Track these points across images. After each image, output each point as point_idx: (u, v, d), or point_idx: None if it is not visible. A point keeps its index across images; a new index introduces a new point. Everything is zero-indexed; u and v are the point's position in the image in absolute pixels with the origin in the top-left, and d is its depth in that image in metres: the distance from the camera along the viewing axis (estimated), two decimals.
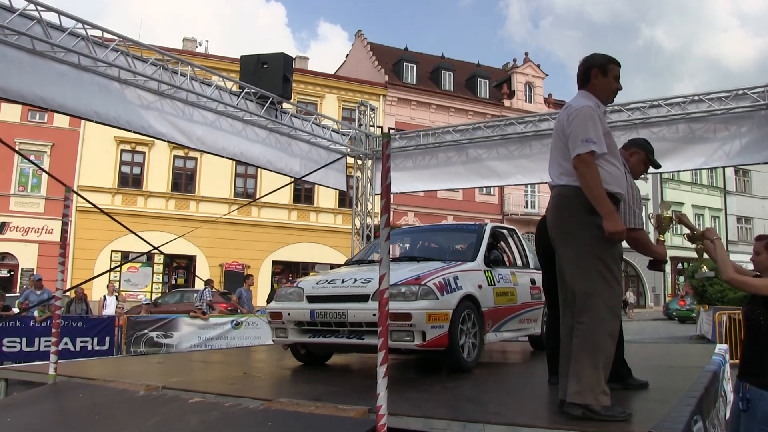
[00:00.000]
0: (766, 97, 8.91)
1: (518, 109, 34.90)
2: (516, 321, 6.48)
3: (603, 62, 3.63)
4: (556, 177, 3.59)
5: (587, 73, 3.63)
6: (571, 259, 3.44)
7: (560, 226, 3.55)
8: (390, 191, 3.43)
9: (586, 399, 3.22)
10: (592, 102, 3.53)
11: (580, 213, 3.40)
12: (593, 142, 3.33)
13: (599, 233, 3.33)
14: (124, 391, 4.47)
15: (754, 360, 3.87)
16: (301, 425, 3.50)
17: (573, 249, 3.43)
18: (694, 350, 9.39)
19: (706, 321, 17.84)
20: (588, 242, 3.37)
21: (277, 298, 5.83)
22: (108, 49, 7.65)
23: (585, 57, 3.72)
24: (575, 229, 3.43)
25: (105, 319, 12.63)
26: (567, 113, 3.52)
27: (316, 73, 33.38)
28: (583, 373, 3.26)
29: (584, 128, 3.37)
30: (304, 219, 30.73)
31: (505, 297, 6.24)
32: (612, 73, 3.63)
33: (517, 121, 10.97)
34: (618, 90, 3.69)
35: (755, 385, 3.80)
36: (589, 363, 3.26)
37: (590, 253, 3.36)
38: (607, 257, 3.37)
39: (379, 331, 3.28)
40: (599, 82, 3.61)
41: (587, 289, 3.34)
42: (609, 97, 3.70)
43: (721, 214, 46.00)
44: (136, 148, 27.67)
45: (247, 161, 10.44)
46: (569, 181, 3.47)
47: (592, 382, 3.23)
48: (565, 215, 3.50)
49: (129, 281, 26.85)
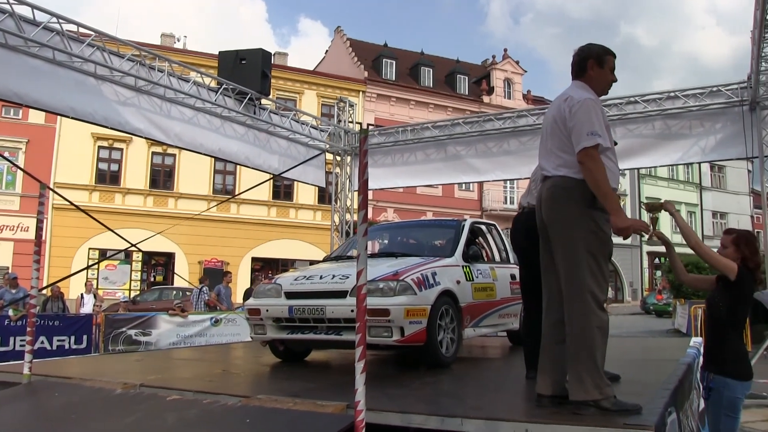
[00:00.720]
0: (739, 94, 9.05)
1: (497, 106, 35.02)
2: (496, 316, 6.50)
3: (600, 53, 3.55)
4: (554, 168, 3.48)
5: (583, 64, 3.55)
6: (566, 252, 3.38)
7: (557, 217, 3.45)
8: (367, 187, 3.43)
9: (593, 395, 3.19)
10: (591, 94, 3.45)
11: (579, 206, 3.33)
12: (599, 135, 3.26)
13: (594, 227, 3.31)
14: (101, 389, 4.42)
15: (716, 348, 3.98)
16: (279, 422, 3.49)
17: (567, 241, 3.36)
18: (670, 344, 9.50)
19: (682, 315, 18.07)
20: (583, 236, 3.31)
21: (256, 295, 5.81)
22: (84, 45, 7.58)
23: (581, 47, 3.63)
24: (572, 222, 3.35)
25: (82, 318, 12.49)
26: (568, 105, 3.40)
27: (295, 69, 33.23)
28: (584, 371, 3.23)
29: (589, 121, 3.28)
30: (284, 215, 30.63)
31: (483, 292, 6.25)
32: (608, 65, 3.55)
33: (496, 117, 11.04)
34: (613, 82, 3.62)
35: (719, 374, 3.89)
36: (588, 359, 3.22)
37: (584, 246, 3.30)
38: (598, 253, 3.32)
39: (356, 327, 3.29)
40: (595, 74, 3.53)
41: (581, 283, 3.29)
42: (604, 89, 3.61)
43: (697, 210, 46.60)
44: (114, 144, 27.39)
45: (225, 158, 10.40)
46: (568, 172, 3.39)
47: (595, 378, 3.21)
48: (563, 207, 3.41)
49: (107, 279, 26.57)
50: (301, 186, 27.25)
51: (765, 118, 9.05)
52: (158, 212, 26.98)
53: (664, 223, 32.95)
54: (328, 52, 40.99)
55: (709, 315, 4.06)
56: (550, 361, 3.52)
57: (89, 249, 25.94)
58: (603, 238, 3.36)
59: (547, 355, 3.54)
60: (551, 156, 3.52)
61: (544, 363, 3.55)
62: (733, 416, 3.90)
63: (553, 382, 3.49)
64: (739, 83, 9.11)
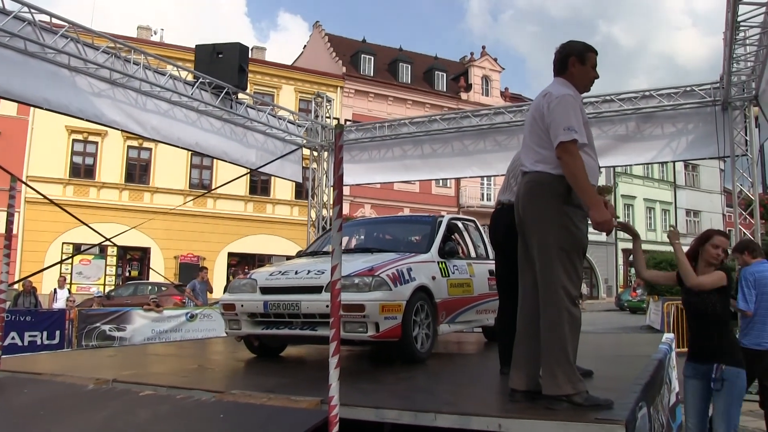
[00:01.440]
0: (712, 94, 9.18)
1: (475, 103, 35.17)
2: (473, 312, 6.52)
3: (581, 50, 3.57)
4: (531, 164, 3.50)
5: (564, 61, 3.55)
6: (540, 247, 3.39)
7: (533, 213, 3.47)
8: (342, 182, 3.42)
9: (566, 390, 3.22)
10: (571, 91, 3.46)
11: (554, 201, 3.35)
12: (575, 130, 3.27)
13: (569, 223, 3.33)
14: (73, 385, 4.37)
15: (715, 342, 4.13)
16: (253, 417, 3.48)
17: (543, 237, 3.38)
18: (643, 339, 9.62)
19: (655, 311, 18.32)
20: (557, 231, 3.33)
21: (230, 290, 5.78)
22: (57, 36, 7.46)
23: (562, 44, 3.64)
24: (547, 218, 3.37)
25: (55, 313, 12.32)
26: (547, 100, 3.43)
27: (273, 63, 33.07)
28: (556, 366, 3.25)
29: (566, 117, 3.30)
30: (260, 210, 30.50)
31: (460, 288, 6.27)
32: (590, 62, 3.56)
33: (473, 114, 11.08)
34: (595, 79, 3.62)
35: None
36: (561, 355, 3.25)
37: (558, 242, 3.32)
38: (572, 249, 3.34)
39: (331, 322, 3.28)
40: (577, 71, 3.54)
41: (554, 279, 3.31)
42: (586, 86, 3.61)
43: (671, 208, 47.24)
44: (89, 137, 27.05)
45: (203, 152, 10.34)
46: (545, 168, 3.41)
47: (568, 373, 3.23)
48: (539, 202, 3.43)
49: (81, 274, 26.28)
50: (278, 181, 27.16)
51: (736, 119, 9.18)
52: (134, 207, 26.71)
53: (639, 217, 33.39)
54: (307, 47, 40.84)
55: (702, 313, 4.17)
56: (524, 355, 3.54)
57: (63, 243, 25.62)
58: (577, 234, 3.38)
59: (521, 349, 3.56)
60: (530, 152, 3.54)
61: (517, 358, 3.57)
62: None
63: (526, 376, 3.51)
64: (712, 84, 9.24)
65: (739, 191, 9.49)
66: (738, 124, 9.21)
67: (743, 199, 9.54)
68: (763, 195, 17.67)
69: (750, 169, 9.30)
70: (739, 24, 7.19)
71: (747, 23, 7.20)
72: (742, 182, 9.48)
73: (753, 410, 7.42)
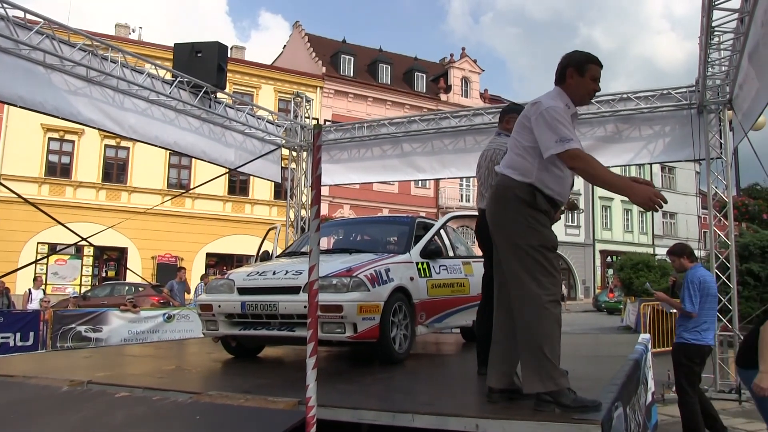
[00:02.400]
0: (688, 97, 9.29)
1: (454, 104, 35.33)
2: (469, 312, 6.36)
3: (580, 61, 3.50)
4: (503, 166, 3.53)
5: (563, 71, 3.51)
6: (511, 248, 3.40)
7: (494, 216, 3.50)
8: (320, 183, 3.42)
9: (548, 386, 3.21)
10: (561, 103, 3.41)
11: (515, 205, 3.36)
12: (569, 139, 3.23)
13: (533, 224, 3.33)
14: (47, 387, 4.31)
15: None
16: (230, 418, 3.47)
17: (511, 238, 3.39)
18: (620, 340, 9.70)
19: (632, 312, 18.50)
20: (524, 231, 3.34)
21: (208, 290, 5.76)
22: (32, 32, 7.36)
23: (565, 53, 3.59)
24: (509, 221, 3.39)
25: (29, 314, 12.13)
26: (535, 110, 3.39)
27: (253, 63, 32.95)
28: (536, 363, 3.25)
29: (555, 129, 3.26)
30: (239, 211, 30.36)
31: (448, 289, 6.20)
32: (590, 74, 3.48)
33: (452, 115, 11.12)
34: (595, 91, 3.56)
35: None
36: (539, 351, 3.23)
37: (527, 241, 3.32)
38: (542, 246, 3.33)
39: (308, 323, 3.28)
40: (574, 82, 3.48)
41: (522, 279, 3.31)
42: (584, 98, 3.57)
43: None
44: (65, 136, 26.76)
45: (181, 151, 10.26)
46: (511, 173, 3.43)
47: (548, 368, 3.22)
48: (500, 206, 3.46)
49: (56, 274, 25.91)
50: (257, 181, 27.04)
51: (711, 122, 9.31)
52: (111, 206, 26.44)
53: (617, 220, 33.62)
54: (287, 47, 40.76)
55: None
56: (501, 354, 3.57)
57: (38, 243, 25.30)
58: (544, 232, 3.38)
59: (498, 348, 3.58)
60: (508, 153, 3.57)
61: (494, 356, 3.59)
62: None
63: (502, 375, 3.54)
64: (688, 87, 9.35)
65: (714, 193, 9.61)
66: (713, 128, 9.33)
67: (718, 202, 9.66)
68: (737, 197, 17.93)
69: (724, 172, 9.43)
70: (714, 29, 7.29)
71: (721, 28, 7.31)
72: (716, 185, 9.60)
73: (726, 408, 7.54)
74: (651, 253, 35.60)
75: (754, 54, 7.08)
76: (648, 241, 46.57)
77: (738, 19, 6.92)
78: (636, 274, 25.86)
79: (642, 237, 47.00)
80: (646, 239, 46.92)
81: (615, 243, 44.72)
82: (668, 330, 13.75)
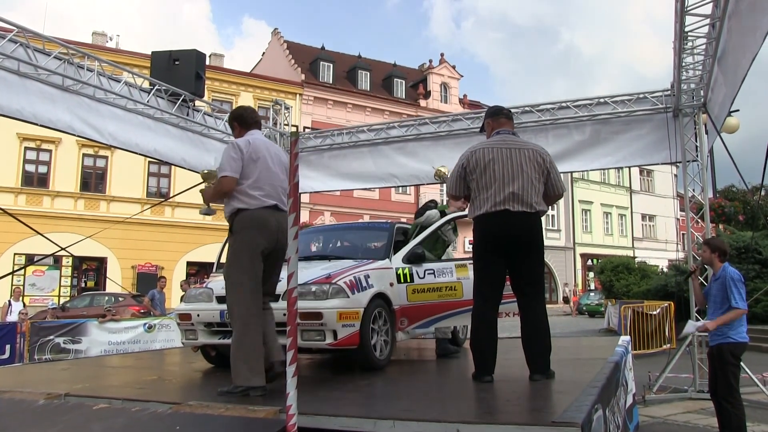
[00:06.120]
0: (664, 101, 9.40)
1: (434, 110, 35.43)
2: (463, 316, 6.07)
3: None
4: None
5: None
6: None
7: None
8: (298, 190, 3.42)
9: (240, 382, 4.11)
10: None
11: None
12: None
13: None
14: (22, 401, 4.24)
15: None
16: (210, 428, 3.44)
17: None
18: (600, 342, 9.74)
19: (614, 314, 18.65)
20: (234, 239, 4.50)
21: (187, 299, 5.72)
22: (5, 40, 7.27)
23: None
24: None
25: (5, 326, 11.94)
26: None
27: (231, 71, 32.86)
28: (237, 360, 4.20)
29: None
30: (220, 219, 30.13)
31: (433, 293, 6.02)
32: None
33: (431, 120, 11.15)
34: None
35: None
36: (237, 350, 4.22)
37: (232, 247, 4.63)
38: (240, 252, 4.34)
39: (288, 330, 3.27)
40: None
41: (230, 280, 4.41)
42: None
43: (628, 212, 48.19)
44: (42, 145, 26.46)
45: (161, 158, 10.17)
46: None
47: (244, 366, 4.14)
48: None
49: (34, 285, 25.61)
50: None
51: (687, 125, 9.42)
52: (90, 216, 26.18)
53: (596, 222, 33.87)
54: (266, 54, 40.69)
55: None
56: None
57: (15, 254, 24.98)
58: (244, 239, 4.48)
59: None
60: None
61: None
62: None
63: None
64: (664, 91, 9.45)
65: (691, 196, 9.73)
66: (689, 131, 9.44)
67: (695, 204, 9.79)
68: (714, 199, 18.17)
69: (701, 175, 9.55)
70: (687, 34, 7.39)
71: (694, 33, 7.40)
72: (693, 187, 9.72)
73: (705, 408, 7.61)
74: (631, 256, 35.94)
75: (722, 59, 7.22)
76: (628, 244, 46.96)
77: (710, 24, 7.02)
78: (616, 276, 26.12)
79: (622, 240, 47.39)
80: (626, 242, 47.32)
81: (595, 246, 45.02)
82: (649, 332, 13.89)
